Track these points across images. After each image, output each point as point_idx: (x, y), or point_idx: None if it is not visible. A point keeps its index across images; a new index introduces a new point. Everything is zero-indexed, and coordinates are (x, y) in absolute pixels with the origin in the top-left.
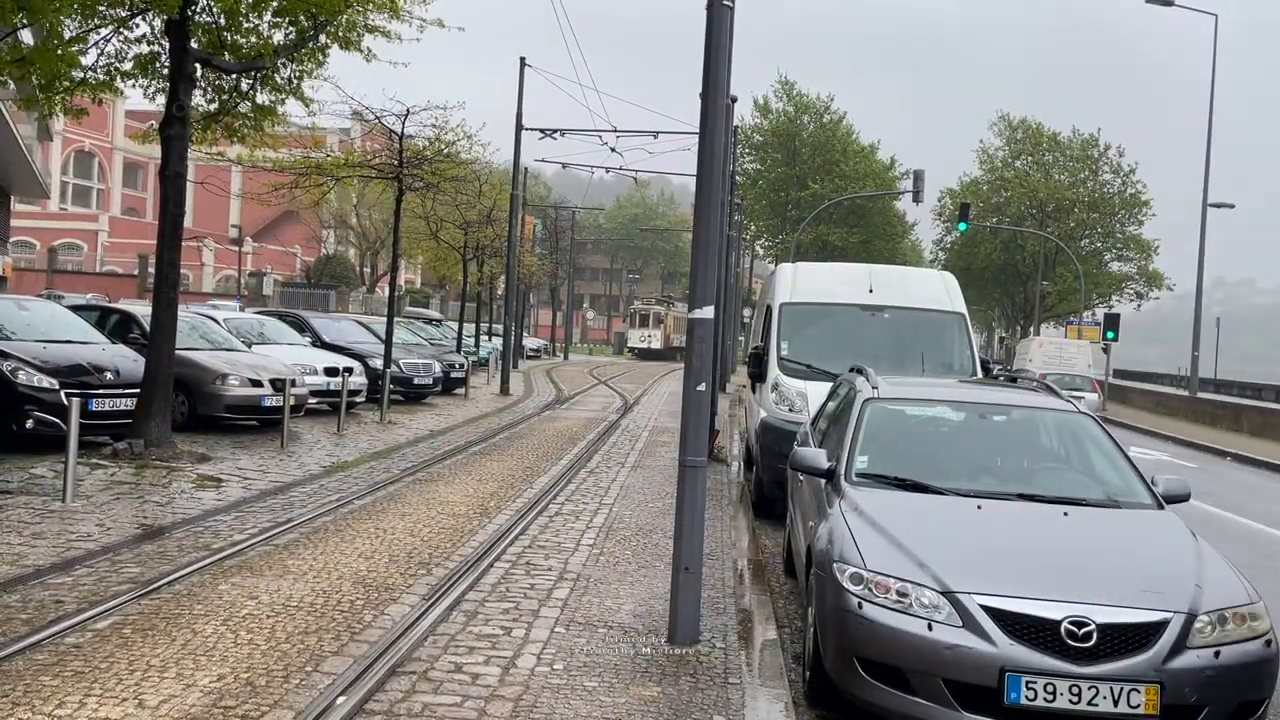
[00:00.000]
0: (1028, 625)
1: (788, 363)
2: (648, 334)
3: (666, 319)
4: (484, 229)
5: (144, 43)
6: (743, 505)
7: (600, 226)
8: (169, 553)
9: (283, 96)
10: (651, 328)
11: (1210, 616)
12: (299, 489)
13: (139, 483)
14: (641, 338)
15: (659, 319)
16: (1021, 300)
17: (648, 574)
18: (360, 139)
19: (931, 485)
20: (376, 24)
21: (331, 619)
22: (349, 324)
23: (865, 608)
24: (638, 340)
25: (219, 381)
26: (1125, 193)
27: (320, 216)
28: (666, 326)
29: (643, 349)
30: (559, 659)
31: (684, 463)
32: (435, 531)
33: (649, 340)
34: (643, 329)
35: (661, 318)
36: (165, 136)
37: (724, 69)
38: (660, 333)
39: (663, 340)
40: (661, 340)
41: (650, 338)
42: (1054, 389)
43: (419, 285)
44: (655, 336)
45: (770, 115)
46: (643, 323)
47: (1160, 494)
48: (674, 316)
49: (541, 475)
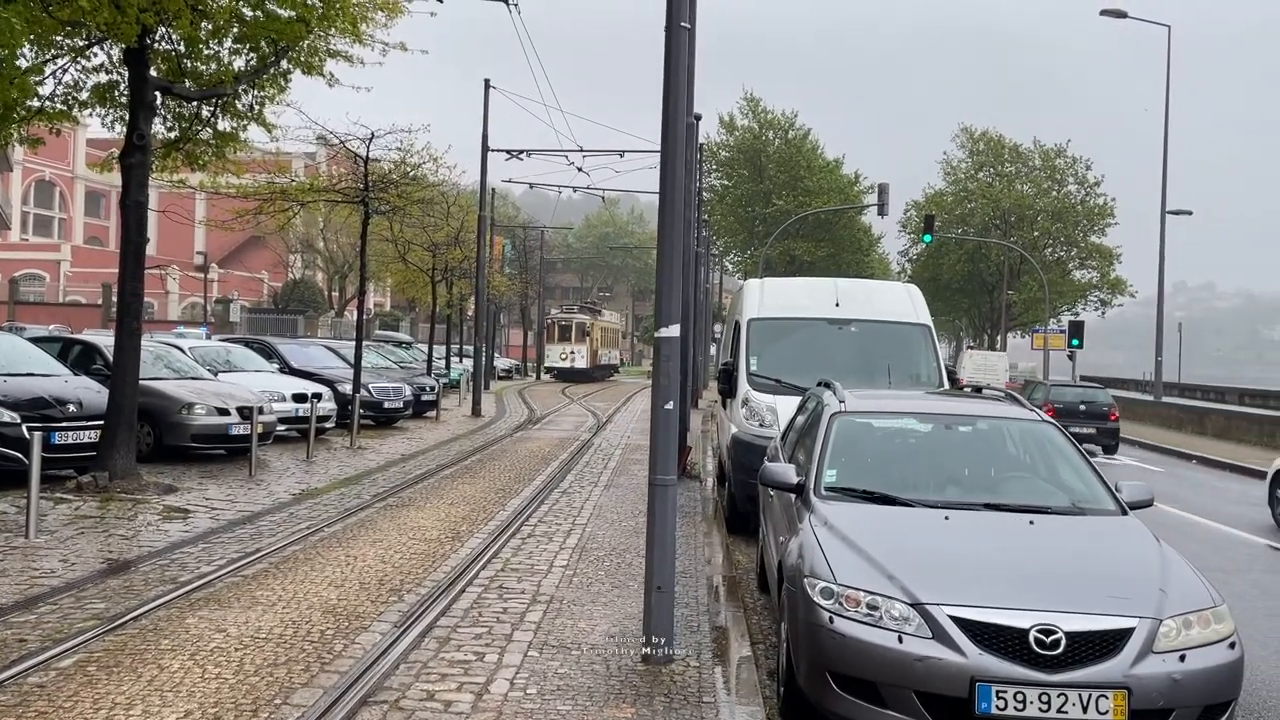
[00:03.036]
0: (997, 635)
1: (757, 378)
2: (569, 350)
3: (593, 330)
4: (452, 250)
5: (102, 71)
6: (716, 521)
7: (570, 245)
8: (135, 587)
9: (244, 123)
10: (575, 342)
11: (1175, 621)
12: (268, 518)
13: (104, 516)
14: (562, 354)
15: (584, 331)
16: (988, 309)
17: (621, 594)
18: (326, 163)
19: (900, 497)
20: (339, 49)
21: (301, 650)
22: (317, 349)
23: (836, 622)
24: (557, 358)
25: (185, 411)
26: (1088, 203)
27: (287, 241)
28: (594, 340)
29: (563, 369)
30: (532, 683)
31: (654, 482)
32: (407, 557)
33: (571, 358)
34: (563, 344)
35: (587, 329)
36: (125, 165)
37: (683, 89)
38: (586, 348)
39: (589, 357)
40: (588, 357)
41: (573, 354)
42: (1019, 398)
43: (389, 308)
44: (579, 353)
45: (736, 132)
46: (563, 336)
47: (1124, 500)
48: (602, 327)
49: (514, 497)
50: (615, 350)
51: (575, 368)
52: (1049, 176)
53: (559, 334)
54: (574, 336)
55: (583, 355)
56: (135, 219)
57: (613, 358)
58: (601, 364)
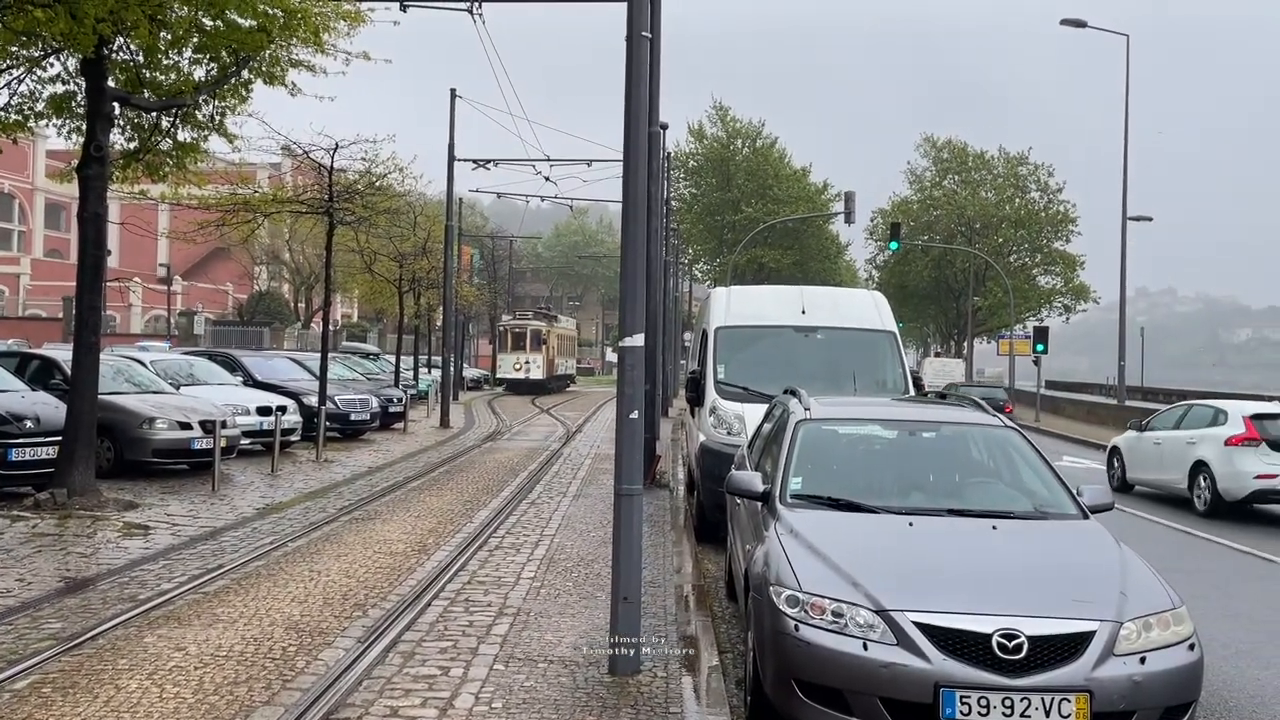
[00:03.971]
0: (960, 640)
1: (725, 386)
2: (524, 360)
3: (549, 338)
4: (419, 260)
5: (58, 82)
6: (685, 530)
7: (539, 255)
8: (93, 606)
9: (205, 133)
10: (530, 351)
11: (1135, 624)
12: (230, 533)
13: (62, 534)
14: (516, 364)
15: (539, 339)
16: (955, 316)
17: (589, 605)
18: (291, 174)
19: (864, 504)
20: (301, 58)
21: (262, 667)
22: (282, 361)
23: (802, 630)
24: (511, 368)
25: (146, 425)
26: (1051, 209)
27: (252, 253)
28: (550, 348)
29: (517, 380)
30: (497, 697)
31: (619, 491)
32: (372, 571)
33: (526, 368)
34: (517, 353)
35: (543, 337)
36: (83, 177)
37: (644, 99)
38: (542, 357)
39: (545, 367)
40: (544, 367)
41: (528, 365)
42: (981, 404)
43: (356, 319)
44: (535, 363)
45: (705, 140)
46: (516, 344)
47: (1085, 504)
48: (559, 334)
49: (482, 508)
50: (572, 359)
51: (530, 379)
52: (1012, 184)
53: (512, 342)
54: (529, 345)
55: (539, 365)
56: (93, 231)
57: (569, 367)
58: (558, 374)
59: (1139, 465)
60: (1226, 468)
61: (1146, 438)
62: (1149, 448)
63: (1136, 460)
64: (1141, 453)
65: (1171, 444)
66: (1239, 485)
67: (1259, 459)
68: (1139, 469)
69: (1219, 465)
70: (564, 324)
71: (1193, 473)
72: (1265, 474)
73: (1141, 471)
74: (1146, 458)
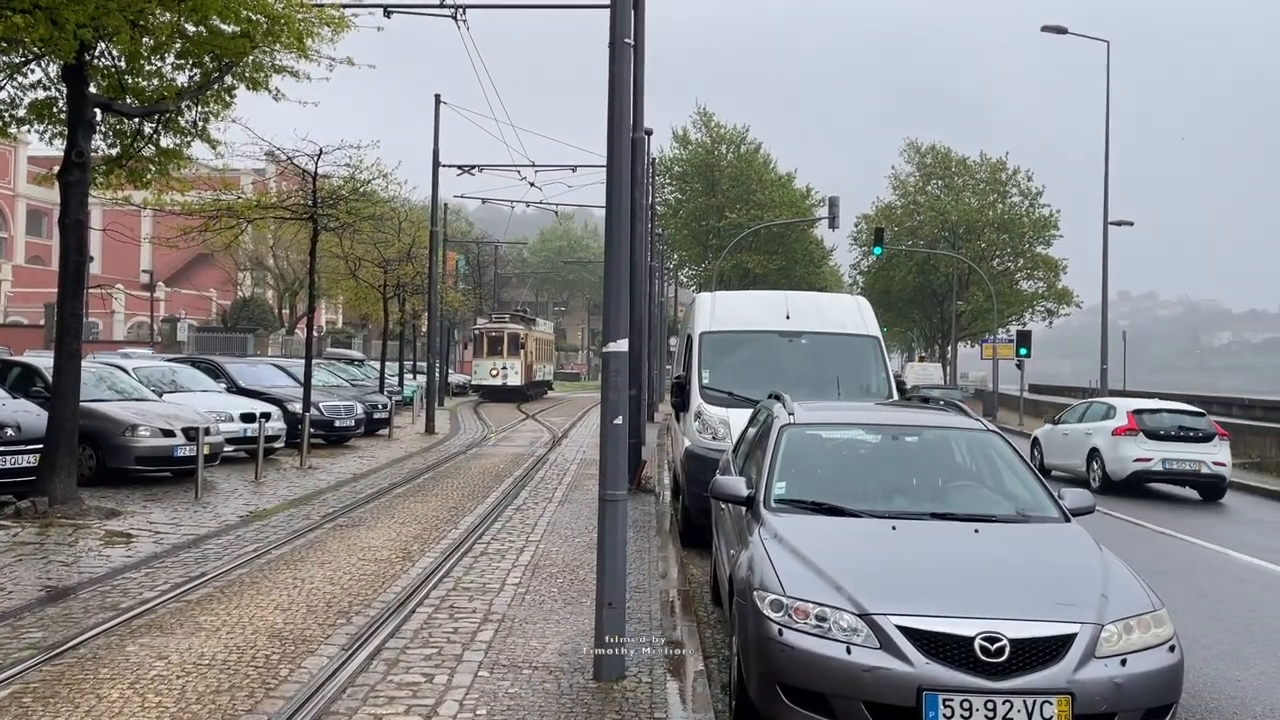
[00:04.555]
0: (943, 643)
1: (710, 391)
2: (501, 365)
3: (528, 342)
4: (404, 266)
5: (40, 88)
6: (671, 535)
7: (525, 260)
8: (74, 615)
9: (188, 139)
10: (508, 355)
11: (1116, 626)
12: (214, 541)
13: (43, 542)
14: (493, 370)
15: (518, 343)
16: (939, 320)
17: (574, 610)
18: (275, 179)
19: (848, 508)
20: (284, 64)
21: (245, 675)
22: (266, 368)
23: (786, 634)
24: (487, 374)
25: (128, 433)
26: (1032, 214)
27: (236, 259)
28: (528, 353)
29: (494, 387)
30: (482, 704)
31: (604, 496)
32: (356, 578)
33: (503, 374)
34: (493, 358)
35: (522, 341)
36: (64, 183)
37: (628, 105)
38: (520, 362)
39: (523, 373)
40: (522, 373)
41: (505, 371)
42: (963, 408)
43: (341, 325)
44: (513, 368)
45: (689, 146)
46: (493, 349)
47: (1067, 507)
48: (537, 338)
49: (467, 515)
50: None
51: (508, 385)
52: (994, 188)
53: (488, 346)
54: (506, 349)
55: (516, 371)
56: (75, 238)
57: (547, 372)
58: (536, 380)
59: (1052, 452)
60: (1113, 453)
61: (1058, 429)
62: (1059, 438)
63: (1050, 448)
64: (1054, 442)
65: (1075, 434)
66: (1122, 467)
67: (1138, 446)
68: (1052, 455)
69: (1107, 451)
70: (542, 327)
71: (1089, 458)
72: (1142, 457)
73: (1054, 457)
74: (1057, 446)
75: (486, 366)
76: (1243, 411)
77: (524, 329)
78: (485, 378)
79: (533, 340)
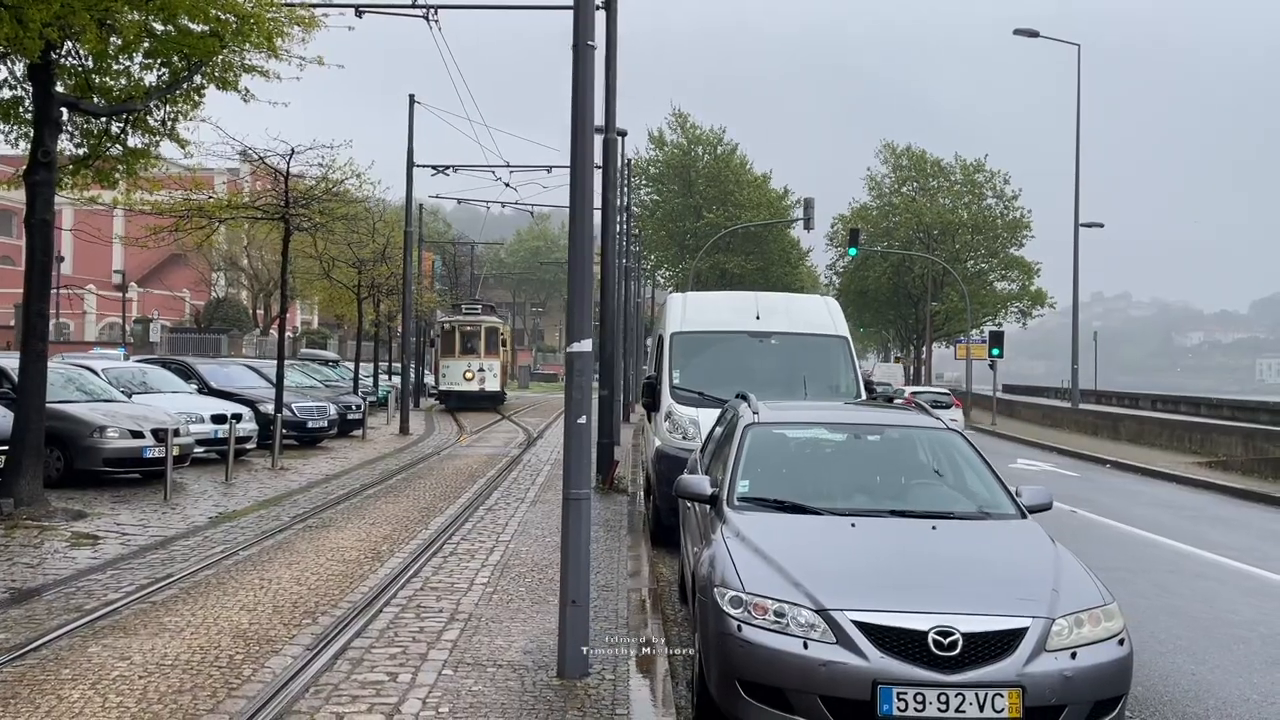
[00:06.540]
0: (897, 638)
1: (680, 391)
2: (477, 367)
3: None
4: (379, 267)
5: (5, 87)
6: (643, 535)
7: (502, 261)
8: (37, 616)
9: (157, 139)
10: (485, 355)
11: (1067, 620)
12: (181, 542)
13: (8, 544)
14: (467, 373)
15: (496, 339)
16: (913, 321)
17: (541, 609)
18: (249, 179)
19: (809, 506)
20: (254, 64)
21: (208, 676)
22: (238, 368)
23: (745, 630)
24: (460, 377)
25: (97, 434)
26: (1007, 216)
27: (209, 259)
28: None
29: (469, 392)
30: (445, 702)
31: (567, 496)
32: (324, 579)
33: (480, 377)
34: (467, 357)
35: (501, 337)
36: (30, 183)
37: (591, 106)
38: (498, 363)
39: (502, 376)
40: (499, 376)
41: (481, 373)
42: (925, 407)
43: (316, 325)
44: (492, 370)
45: (665, 147)
46: (466, 347)
47: (1024, 504)
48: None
49: (439, 515)
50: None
51: (486, 391)
52: (969, 190)
53: (460, 344)
54: (483, 348)
55: (495, 373)
56: (41, 238)
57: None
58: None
59: None
60: None
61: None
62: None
63: None
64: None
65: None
66: None
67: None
68: None
69: None
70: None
71: None
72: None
73: None
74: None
75: (459, 368)
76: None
77: (502, 325)
78: (458, 381)
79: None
